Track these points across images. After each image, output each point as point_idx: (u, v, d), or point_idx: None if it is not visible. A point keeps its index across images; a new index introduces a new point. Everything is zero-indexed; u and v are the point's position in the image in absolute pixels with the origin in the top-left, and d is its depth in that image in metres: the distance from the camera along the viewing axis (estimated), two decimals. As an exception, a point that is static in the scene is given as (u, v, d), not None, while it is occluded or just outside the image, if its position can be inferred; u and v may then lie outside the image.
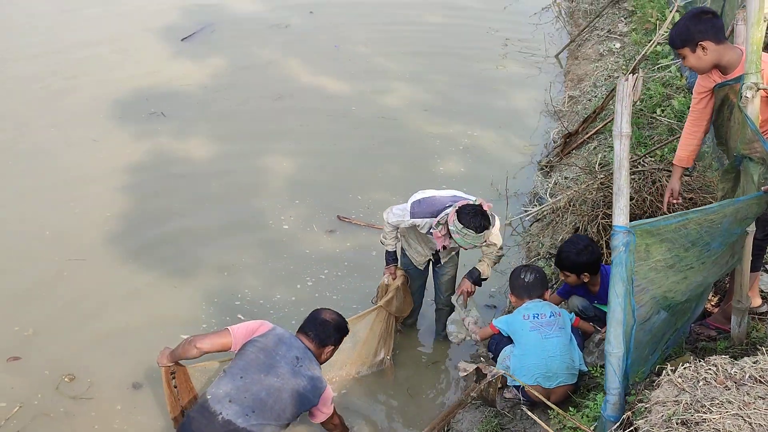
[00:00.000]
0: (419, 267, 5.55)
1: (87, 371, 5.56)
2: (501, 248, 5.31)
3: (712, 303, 5.12)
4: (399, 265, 5.61)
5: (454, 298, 5.38)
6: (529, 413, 3.18)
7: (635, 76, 3.19)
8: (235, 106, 9.51)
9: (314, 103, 9.61)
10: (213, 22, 12.04)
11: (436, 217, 4.95)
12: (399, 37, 11.68)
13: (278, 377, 4.06)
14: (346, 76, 10.30)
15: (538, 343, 4.58)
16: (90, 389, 5.43)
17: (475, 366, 4.08)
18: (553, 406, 3.50)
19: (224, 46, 11.23)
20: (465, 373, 4.11)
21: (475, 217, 4.70)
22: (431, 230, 4.99)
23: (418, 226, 5.10)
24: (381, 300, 5.37)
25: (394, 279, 5.41)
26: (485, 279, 5.39)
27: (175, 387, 4.50)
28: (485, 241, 4.87)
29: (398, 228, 5.33)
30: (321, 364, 4.39)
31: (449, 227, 4.77)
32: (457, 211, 4.73)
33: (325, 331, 4.33)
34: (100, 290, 6.36)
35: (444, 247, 5.06)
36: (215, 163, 8.25)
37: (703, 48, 4.07)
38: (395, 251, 5.49)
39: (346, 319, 4.66)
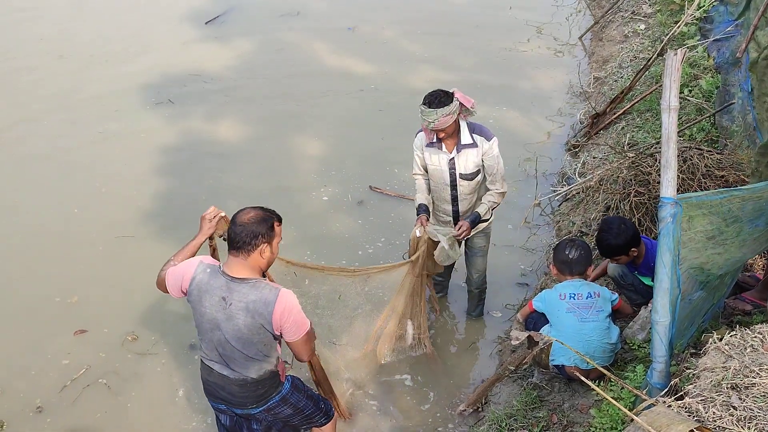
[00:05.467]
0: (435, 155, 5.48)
1: (149, 332, 5.89)
2: (504, 180, 5.27)
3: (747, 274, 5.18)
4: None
5: (448, 231, 5.32)
6: (584, 380, 3.26)
7: (683, 49, 3.24)
8: (261, 88, 9.62)
9: (338, 84, 9.72)
10: (232, 6, 12.12)
11: None
12: (418, 20, 11.72)
13: (219, 329, 3.78)
14: (370, 58, 10.38)
15: (575, 326, 4.57)
16: (155, 346, 5.76)
17: (527, 334, 4.14)
18: (607, 372, 3.59)
19: (243, 30, 11.33)
20: (518, 342, 4.16)
21: (433, 95, 4.81)
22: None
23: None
24: (413, 258, 5.26)
25: (425, 228, 5.23)
26: (486, 220, 5.41)
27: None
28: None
29: (424, 173, 5.41)
30: (268, 267, 3.90)
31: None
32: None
33: (244, 237, 3.69)
34: (149, 262, 6.50)
35: (440, 142, 5.15)
36: (247, 143, 8.38)
37: None
38: (426, 204, 5.42)
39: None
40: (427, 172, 5.38)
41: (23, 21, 11.80)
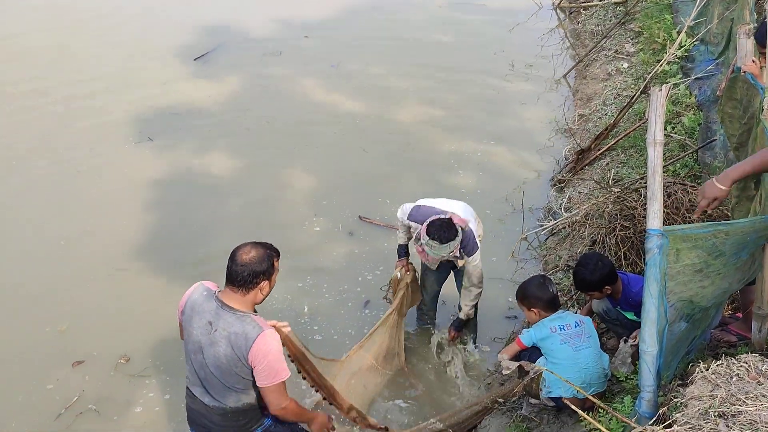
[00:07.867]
0: (432, 266, 5.67)
1: (141, 355, 5.92)
2: (480, 282, 5.56)
3: (728, 312, 5.26)
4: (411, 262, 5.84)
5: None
6: (577, 410, 3.30)
7: (668, 86, 3.34)
8: (248, 122, 9.71)
9: (325, 117, 9.88)
10: (219, 44, 12.25)
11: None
12: (403, 57, 11.88)
13: (201, 353, 3.79)
14: (356, 94, 10.54)
15: (572, 356, 4.60)
16: (148, 369, 5.77)
17: (517, 364, 4.18)
18: (598, 402, 3.63)
19: (230, 67, 11.45)
20: (508, 371, 4.21)
21: (440, 230, 4.96)
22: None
23: (412, 228, 5.41)
24: (394, 301, 5.63)
25: (407, 272, 5.68)
26: (468, 320, 5.84)
27: None
28: (453, 252, 5.05)
29: (407, 231, 5.61)
30: (260, 302, 3.89)
31: (421, 240, 5.04)
32: (427, 225, 5.01)
33: (246, 276, 3.73)
34: (141, 290, 6.68)
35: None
36: (237, 178, 8.45)
37: None
38: (407, 245, 5.70)
39: None
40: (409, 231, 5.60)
41: (4, 55, 11.84)
